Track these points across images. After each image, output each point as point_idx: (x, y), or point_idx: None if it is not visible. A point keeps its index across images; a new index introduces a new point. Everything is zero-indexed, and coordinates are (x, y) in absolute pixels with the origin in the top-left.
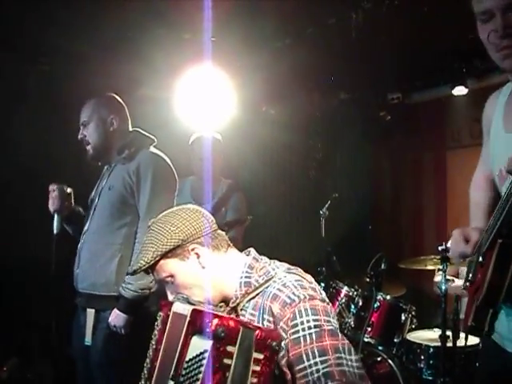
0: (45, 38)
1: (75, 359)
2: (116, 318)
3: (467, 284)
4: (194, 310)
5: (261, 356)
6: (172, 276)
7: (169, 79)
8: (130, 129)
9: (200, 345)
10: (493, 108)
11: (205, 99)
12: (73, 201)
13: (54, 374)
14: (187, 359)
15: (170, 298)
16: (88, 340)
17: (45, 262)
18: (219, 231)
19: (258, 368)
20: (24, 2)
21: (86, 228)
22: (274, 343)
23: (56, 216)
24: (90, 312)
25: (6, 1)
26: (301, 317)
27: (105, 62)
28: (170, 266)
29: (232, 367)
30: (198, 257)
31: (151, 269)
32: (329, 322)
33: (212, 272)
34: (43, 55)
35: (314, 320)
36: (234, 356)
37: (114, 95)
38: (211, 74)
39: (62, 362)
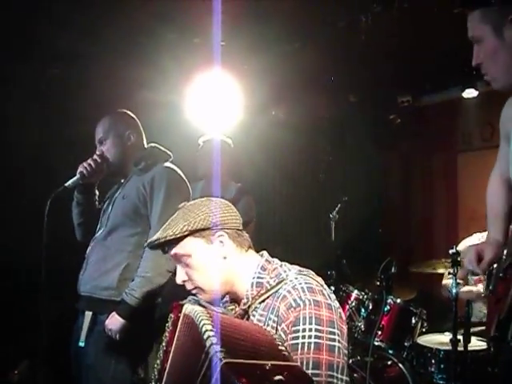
0: (57, 42)
1: (71, 362)
2: (113, 322)
3: (488, 293)
4: (226, 364)
5: None
6: (190, 256)
7: (179, 83)
8: (146, 144)
9: None
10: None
11: (214, 102)
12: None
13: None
14: None
15: (178, 281)
16: (82, 341)
17: (53, 263)
18: (244, 231)
19: None
20: (36, 6)
21: (96, 235)
22: None
23: (78, 176)
24: (88, 314)
25: (17, 4)
26: (304, 324)
27: (115, 67)
28: (193, 245)
29: None
30: (223, 245)
31: (174, 242)
32: (332, 333)
33: (229, 265)
34: (55, 60)
35: (316, 330)
36: None
37: (127, 111)
38: (221, 78)
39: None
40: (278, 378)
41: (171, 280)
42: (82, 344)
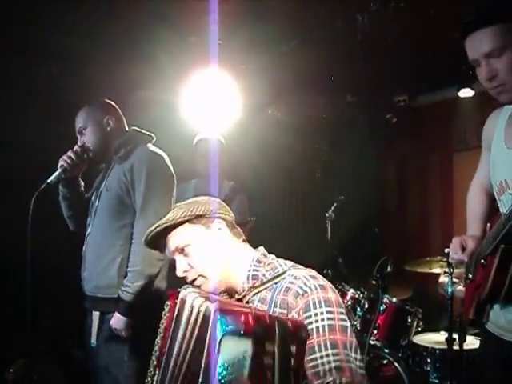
0: (53, 41)
1: (87, 361)
2: (116, 321)
3: (467, 281)
4: (219, 307)
5: (294, 348)
6: (189, 245)
7: (175, 82)
8: (127, 128)
9: (235, 347)
10: (494, 124)
11: (211, 102)
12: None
13: (62, 376)
14: (220, 364)
15: (179, 273)
16: (93, 342)
17: (53, 262)
18: (237, 226)
19: (292, 361)
20: (31, 5)
21: (88, 231)
22: (304, 334)
23: (60, 171)
24: (96, 314)
25: (13, 5)
26: (314, 308)
27: (111, 65)
28: (192, 232)
29: (276, 366)
30: (221, 232)
31: (173, 228)
32: (342, 313)
33: (228, 251)
34: (51, 59)
35: (328, 312)
36: (276, 355)
37: (106, 100)
38: (217, 77)
39: (69, 364)
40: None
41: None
42: (93, 344)
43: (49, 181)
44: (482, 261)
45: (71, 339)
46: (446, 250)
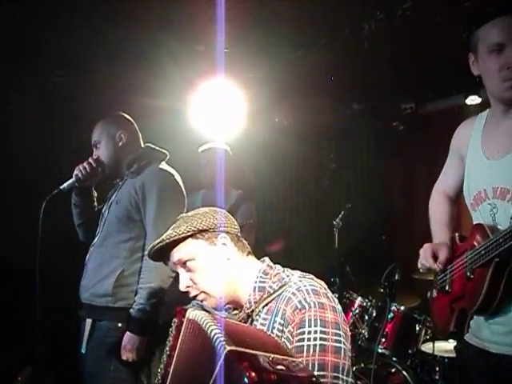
0: (60, 50)
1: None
2: (131, 340)
3: (440, 293)
4: (229, 352)
5: None
6: (193, 259)
7: (183, 91)
8: (142, 145)
9: None
10: (468, 134)
11: (218, 110)
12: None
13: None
14: None
15: (182, 287)
16: (83, 349)
17: (59, 269)
18: (242, 238)
19: None
20: (40, 15)
21: (94, 241)
22: None
23: (74, 179)
24: (88, 322)
25: (21, 14)
26: (309, 326)
27: (119, 74)
28: (196, 246)
29: None
30: (225, 247)
31: (177, 244)
32: (337, 335)
33: (232, 267)
34: (59, 67)
35: (322, 332)
36: None
37: (123, 113)
38: (224, 85)
39: (76, 371)
40: (279, 367)
41: (174, 286)
42: (83, 351)
43: (61, 187)
44: (468, 274)
45: (79, 346)
46: None
